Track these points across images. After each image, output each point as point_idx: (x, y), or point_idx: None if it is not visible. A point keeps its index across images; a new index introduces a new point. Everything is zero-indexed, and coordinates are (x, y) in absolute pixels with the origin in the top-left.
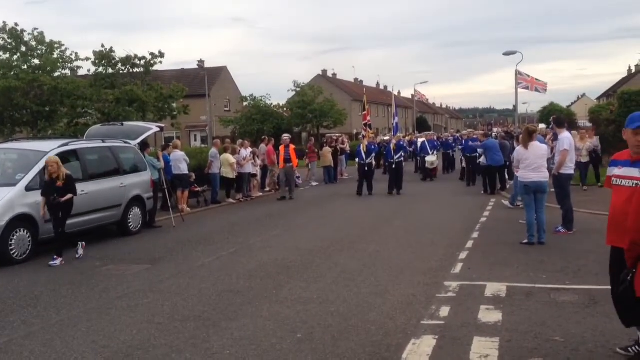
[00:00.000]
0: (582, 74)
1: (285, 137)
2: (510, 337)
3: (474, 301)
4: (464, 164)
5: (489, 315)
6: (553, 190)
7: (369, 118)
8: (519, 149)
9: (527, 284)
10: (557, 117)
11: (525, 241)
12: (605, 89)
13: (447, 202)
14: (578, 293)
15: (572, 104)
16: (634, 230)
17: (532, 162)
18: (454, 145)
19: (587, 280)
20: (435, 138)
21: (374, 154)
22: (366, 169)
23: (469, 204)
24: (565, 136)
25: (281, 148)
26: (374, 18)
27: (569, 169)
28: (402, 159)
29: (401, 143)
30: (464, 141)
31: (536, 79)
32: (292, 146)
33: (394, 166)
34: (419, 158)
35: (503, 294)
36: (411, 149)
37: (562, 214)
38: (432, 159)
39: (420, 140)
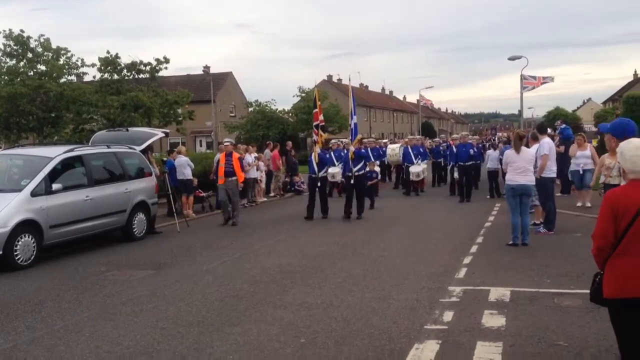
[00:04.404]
0: (587, 78)
1: (227, 142)
2: (513, 342)
3: (478, 306)
4: (456, 175)
5: (493, 320)
6: (559, 194)
7: (320, 118)
8: (509, 152)
9: (531, 289)
10: (539, 124)
11: (510, 242)
12: (611, 93)
13: (451, 207)
14: (582, 297)
15: (578, 108)
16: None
17: (520, 166)
18: (447, 152)
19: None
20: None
21: (341, 164)
22: (319, 184)
23: (474, 209)
24: (546, 141)
25: (221, 157)
26: (378, 23)
27: (551, 172)
28: (364, 170)
29: (362, 151)
30: (454, 147)
31: (543, 78)
32: (235, 154)
33: (352, 181)
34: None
35: (507, 298)
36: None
37: (544, 215)
38: (417, 169)
39: (395, 146)
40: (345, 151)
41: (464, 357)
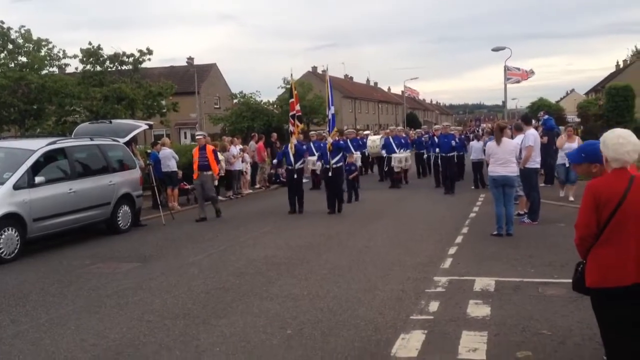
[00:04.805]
0: (570, 69)
1: (199, 135)
2: (498, 331)
3: (463, 296)
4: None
5: (478, 310)
6: (543, 184)
7: (297, 108)
8: (490, 144)
9: (516, 278)
10: (523, 115)
11: (495, 232)
12: (593, 84)
13: (436, 199)
14: (565, 286)
15: (561, 99)
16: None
17: (501, 157)
18: (429, 143)
19: None
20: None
21: (319, 156)
22: (295, 176)
23: (458, 200)
24: (531, 132)
25: (195, 151)
26: (363, 15)
27: (535, 163)
28: (342, 163)
29: (341, 143)
30: (436, 138)
31: (527, 72)
32: (209, 147)
33: (330, 173)
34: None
35: (492, 288)
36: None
37: (528, 205)
38: (400, 155)
39: (376, 137)
40: (325, 143)
41: (449, 347)
